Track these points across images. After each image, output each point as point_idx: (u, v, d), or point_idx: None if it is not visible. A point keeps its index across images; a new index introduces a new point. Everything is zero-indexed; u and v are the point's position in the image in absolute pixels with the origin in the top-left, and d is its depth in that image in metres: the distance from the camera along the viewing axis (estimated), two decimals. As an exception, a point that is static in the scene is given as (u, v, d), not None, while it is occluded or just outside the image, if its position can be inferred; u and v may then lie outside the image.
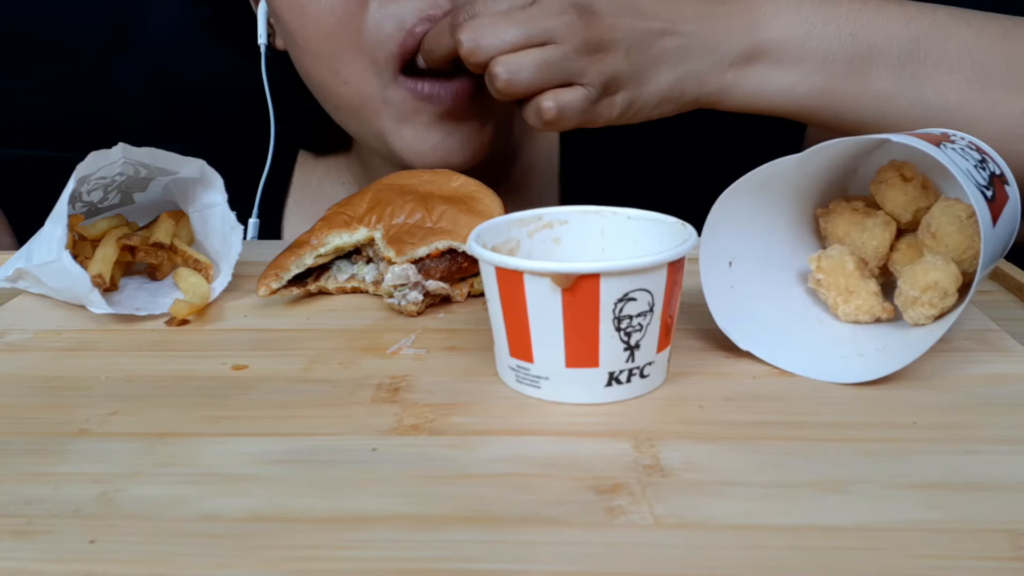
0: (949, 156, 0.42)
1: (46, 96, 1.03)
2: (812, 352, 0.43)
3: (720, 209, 0.43)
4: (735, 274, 0.45)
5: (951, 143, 0.44)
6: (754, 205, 0.45)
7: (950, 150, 0.43)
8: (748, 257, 0.46)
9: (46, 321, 0.51)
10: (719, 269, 0.44)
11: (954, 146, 0.44)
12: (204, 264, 0.54)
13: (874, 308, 0.45)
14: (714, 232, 0.44)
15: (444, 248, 0.51)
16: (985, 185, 0.42)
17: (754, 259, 0.46)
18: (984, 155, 0.45)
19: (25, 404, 0.41)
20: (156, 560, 0.29)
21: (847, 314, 0.45)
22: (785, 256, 0.48)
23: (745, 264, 0.45)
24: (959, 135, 0.46)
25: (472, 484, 0.33)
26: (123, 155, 0.51)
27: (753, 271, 0.46)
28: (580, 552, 0.29)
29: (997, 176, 0.44)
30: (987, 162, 0.44)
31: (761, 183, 0.43)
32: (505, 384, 0.41)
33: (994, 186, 0.43)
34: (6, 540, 0.31)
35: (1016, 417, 0.37)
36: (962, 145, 0.44)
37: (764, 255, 0.47)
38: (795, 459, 0.34)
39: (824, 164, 0.46)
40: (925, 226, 0.44)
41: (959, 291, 0.43)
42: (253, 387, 0.42)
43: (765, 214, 0.46)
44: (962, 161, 0.42)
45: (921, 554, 0.29)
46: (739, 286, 0.45)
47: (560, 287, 0.37)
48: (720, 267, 0.45)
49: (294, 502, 0.32)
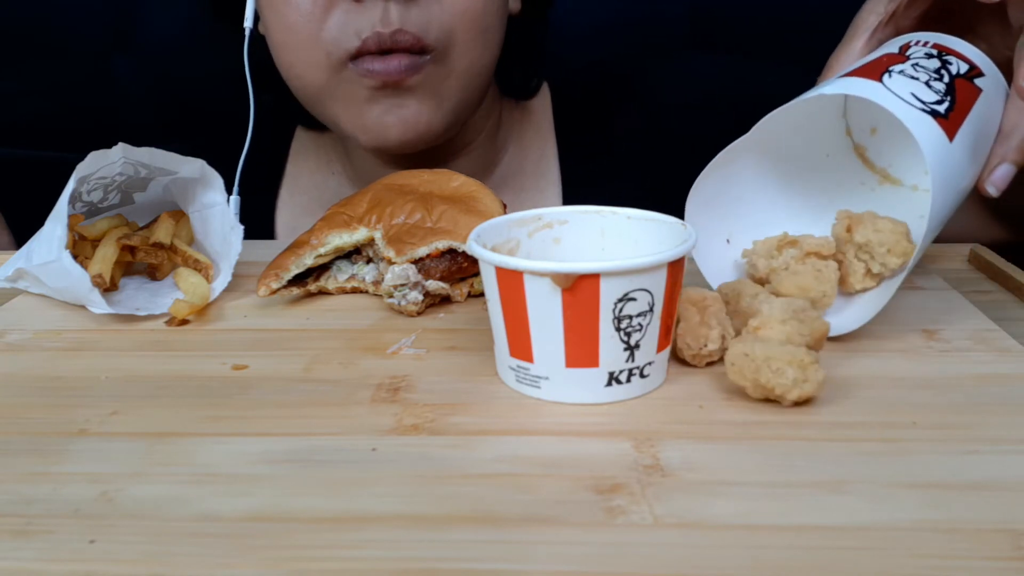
0: (891, 87, 0.42)
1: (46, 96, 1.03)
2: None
3: (699, 193, 0.45)
4: (735, 250, 0.47)
5: (903, 61, 0.44)
6: (739, 181, 0.47)
7: (897, 75, 0.43)
8: (745, 231, 0.47)
9: (46, 321, 0.51)
10: (718, 248, 0.46)
11: (905, 64, 0.44)
12: (204, 264, 0.54)
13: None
14: (701, 214, 0.46)
15: (444, 248, 0.51)
16: (936, 100, 0.42)
17: (751, 231, 0.48)
18: (946, 57, 0.44)
19: (25, 404, 0.41)
20: (156, 560, 0.29)
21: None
22: (780, 220, 0.50)
23: (743, 238, 0.47)
24: (922, 38, 0.45)
25: (472, 484, 0.33)
26: (123, 155, 0.51)
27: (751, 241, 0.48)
28: (580, 552, 0.29)
29: (963, 75, 0.43)
30: (949, 65, 0.43)
31: (730, 163, 0.45)
32: (505, 384, 0.41)
33: (954, 92, 0.42)
34: (6, 540, 0.31)
35: (1016, 417, 0.37)
36: (920, 56, 0.44)
37: (760, 225, 0.49)
38: (795, 459, 0.34)
39: (800, 122, 0.48)
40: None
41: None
42: (253, 387, 0.42)
43: (753, 186, 0.48)
44: (908, 84, 0.42)
45: (921, 554, 0.29)
46: (741, 260, 0.47)
47: (560, 287, 0.37)
48: (719, 246, 0.46)
49: (294, 502, 0.32)
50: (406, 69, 0.63)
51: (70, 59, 1.02)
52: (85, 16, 1.01)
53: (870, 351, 0.44)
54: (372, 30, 0.62)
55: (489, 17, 0.66)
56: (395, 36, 0.62)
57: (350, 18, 0.62)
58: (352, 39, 0.62)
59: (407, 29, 0.62)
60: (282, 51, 0.67)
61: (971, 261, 0.59)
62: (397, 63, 0.63)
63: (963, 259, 0.60)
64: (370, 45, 0.62)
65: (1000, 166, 0.46)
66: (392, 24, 0.62)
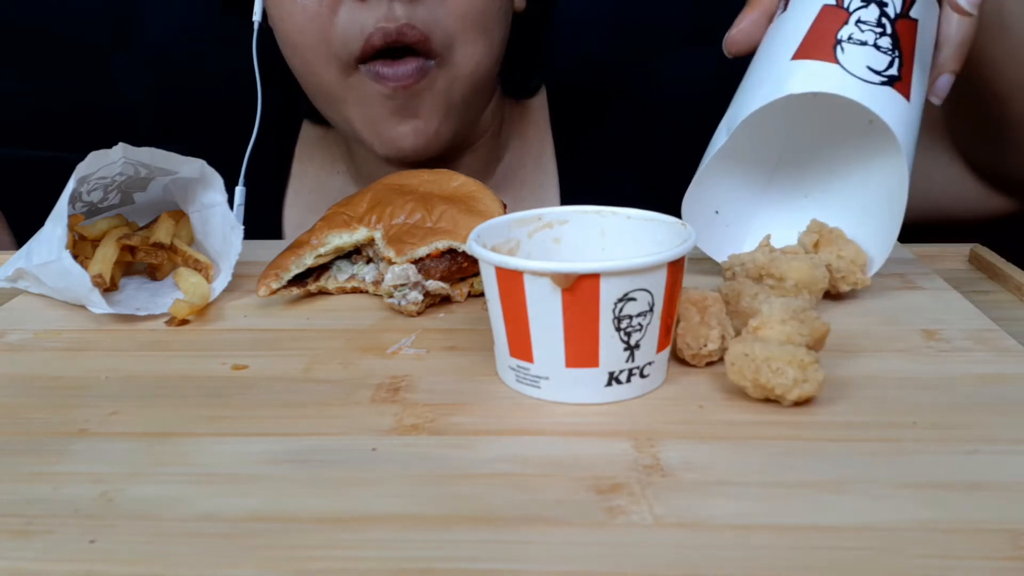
0: (847, 66, 0.45)
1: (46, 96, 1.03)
2: None
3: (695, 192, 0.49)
4: (723, 218, 0.51)
5: (846, 19, 0.46)
6: (731, 173, 0.51)
7: (848, 46, 0.45)
8: (734, 201, 0.51)
9: (46, 321, 0.51)
10: (707, 219, 0.50)
11: (850, 26, 0.46)
12: (204, 264, 0.54)
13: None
14: (693, 198, 0.49)
15: (444, 248, 0.51)
16: (888, 64, 0.44)
17: (741, 202, 0.52)
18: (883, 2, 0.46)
19: (25, 404, 0.41)
20: (156, 560, 0.29)
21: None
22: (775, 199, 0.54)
23: (731, 207, 0.51)
24: None
25: (472, 484, 0.33)
26: (123, 155, 0.51)
27: (742, 210, 0.52)
28: (580, 552, 0.29)
29: (901, 15, 0.46)
30: (886, 7, 0.46)
31: (713, 164, 0.49)
32: (505, 384, 0.41)
33: (898, 43, 0.45)
34: (6, 540, 0.31)
35: (1016, 417, 0.37)
36: (857, 4, 0.46)
37: (752, 199, 0.53)
38: (795, 459, 0.34)
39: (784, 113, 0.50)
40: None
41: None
42: (253, 387, 0.42)
43: (742, 177, 0.52)
44: (861, 55, 0.45)
45: (921, 554, 0.29)
46: (733, 224, 0.51)
47: (560, 287, 0.37)
48: (708, 217, 0.50)
49: (294, 502, 0.32)
50: (414, 73, 0.64)
51: (70, 59, 1.02)
52: (85, 16, 1.01)
53: (870, 351, 0.44)
54: (376, 26, 0.62)
55: (491, 17, 0.67)
56: (401, 30, 0.62)
57: (355, 16, 0.63)
58: (357, 37, 0.63)
59: (414, 24, 0.62)
60: (293, 53, 0.68)
61: (971, 261, 0.59)
62: (406, 68, 0.64)
63: (963, 259, 0.60)
64: (375, 41, 0.63)
65: (940, 76, 0.48)
66: (397, 20, 0.62)
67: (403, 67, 0.64)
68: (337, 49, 0.64)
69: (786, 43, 0.48)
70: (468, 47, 0.66)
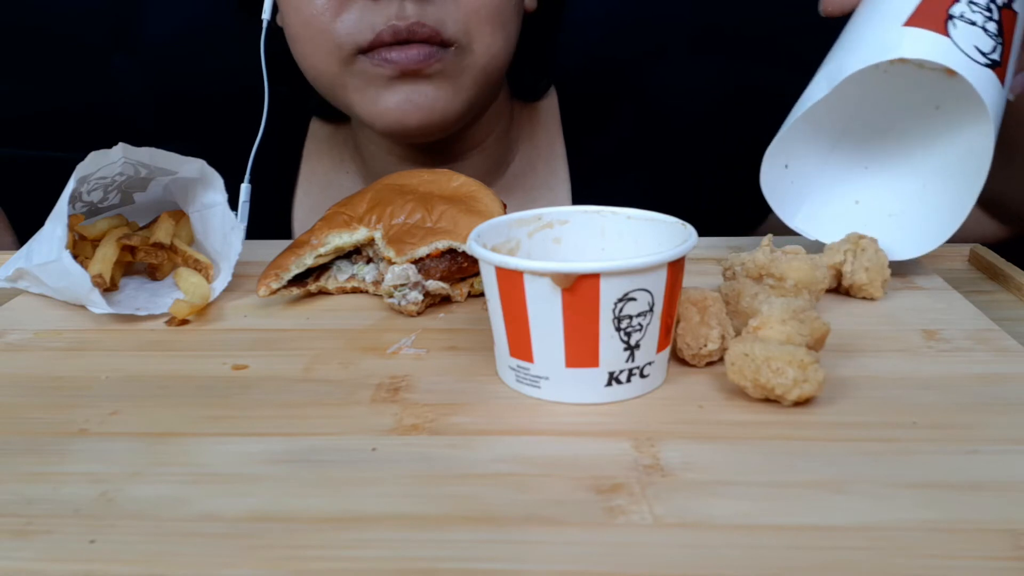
0: (958, 41, 0.46)
1: (46, 96, 1.03)
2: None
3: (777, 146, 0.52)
4: (791, 173, 0.53)
5: (962, 11, 0.47)
6: (803, 131, 0.53)
7: (959, 23, 0.46)
8: (801, 158, 0.54)
9: (46, 321, 0.51)
10: (778, 172, 0.53)
11: (962, 4, 0.47)
12: (204, 264, 0.54)
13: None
14: (778, 148, 0.52)
15: (444, 248, 0.51)
16: (992, 48, 0.46)
17: (807, 163, 0.54)
18: None
19: (25, 404, 0.41)
20: (156, 560, 0.29)
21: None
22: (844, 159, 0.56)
23: (798, 164, 0.53)
24: None
25: (472, 484, 0.33)
26: (123, 155, 0.51)
27: (805, 170, 0.54)
28: (580, 552, 0.29)
29: (1005, 5, 0.47)
30: None
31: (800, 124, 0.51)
32: (505, 384, 0.41)
33: (1002, 30, 0.48)
34: (6, 540, 0.31)
35: (1016, 417, 0.37)
36: None
37: (817, 161, 0.55)
38: (795, 459, 0.34)
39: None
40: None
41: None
42: (253, 387, 0.42)
43: (813, 137, 0.54)
44: (970, 34, 0.46)
45: (921, 554, 0.29)
46: (797, 181, 0.54)
47: (560, 287, 0.37)
48: (779, 170, 0.52)
49: (294, 502, 0.32)
50: (426, 57, 0.64)
51: (70, 59, 1.02)
52: (85, 16, 1.01)
53: (870, 351, 0.44)
54: (387, 24, 0.62)
55: (505, 13, 0.67)
56: (411, 28, 0.62)
57: (365, 15, 0.63)
58: (366, 33, 0.63)
59: (424, 22, 0.62)
60: (296, 42, 0.68)
61: (971, 261, 0.59)
62: (416, 52, 0.63)
63: (963, 259, 0.60)
64: (384, 37, 0.63)
65: (1018, 75, 0.50)
66: (408, 19, 0.62)
67: (412, 51, 0.63)
68: (341, 41, 0.64)
69: (898, 8, 0.49)
70: (486, 39, 0.66)
